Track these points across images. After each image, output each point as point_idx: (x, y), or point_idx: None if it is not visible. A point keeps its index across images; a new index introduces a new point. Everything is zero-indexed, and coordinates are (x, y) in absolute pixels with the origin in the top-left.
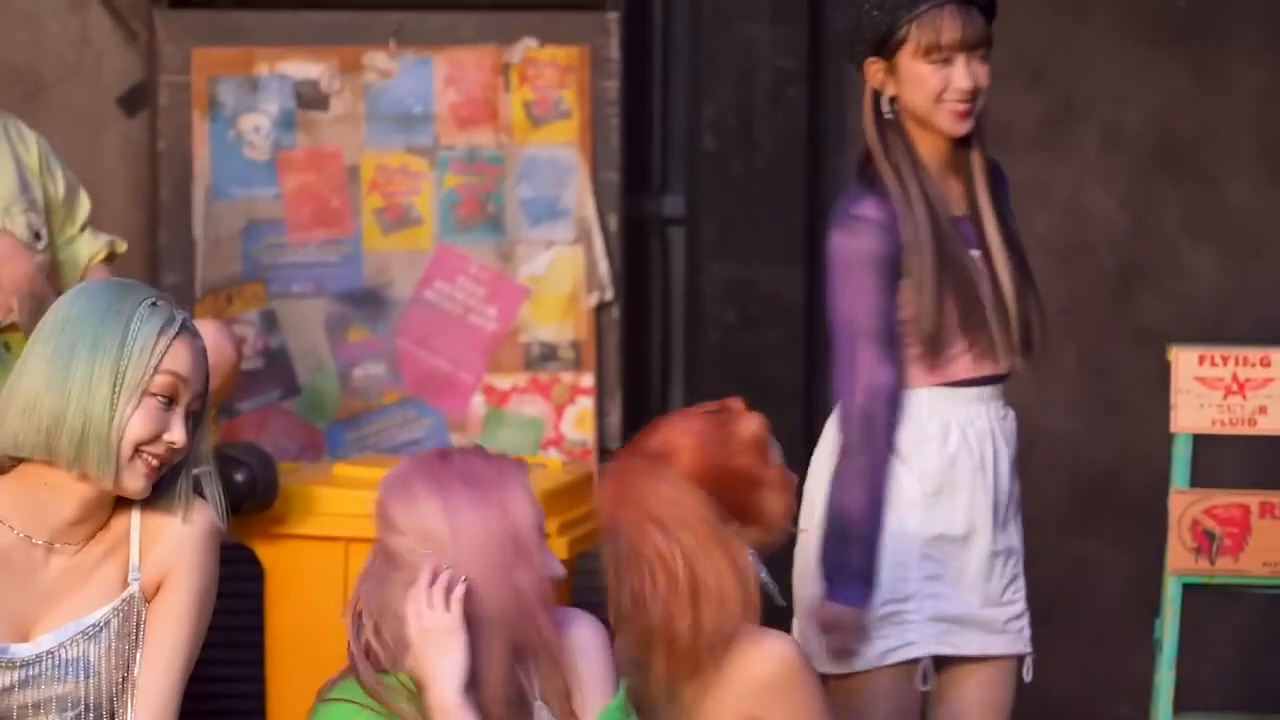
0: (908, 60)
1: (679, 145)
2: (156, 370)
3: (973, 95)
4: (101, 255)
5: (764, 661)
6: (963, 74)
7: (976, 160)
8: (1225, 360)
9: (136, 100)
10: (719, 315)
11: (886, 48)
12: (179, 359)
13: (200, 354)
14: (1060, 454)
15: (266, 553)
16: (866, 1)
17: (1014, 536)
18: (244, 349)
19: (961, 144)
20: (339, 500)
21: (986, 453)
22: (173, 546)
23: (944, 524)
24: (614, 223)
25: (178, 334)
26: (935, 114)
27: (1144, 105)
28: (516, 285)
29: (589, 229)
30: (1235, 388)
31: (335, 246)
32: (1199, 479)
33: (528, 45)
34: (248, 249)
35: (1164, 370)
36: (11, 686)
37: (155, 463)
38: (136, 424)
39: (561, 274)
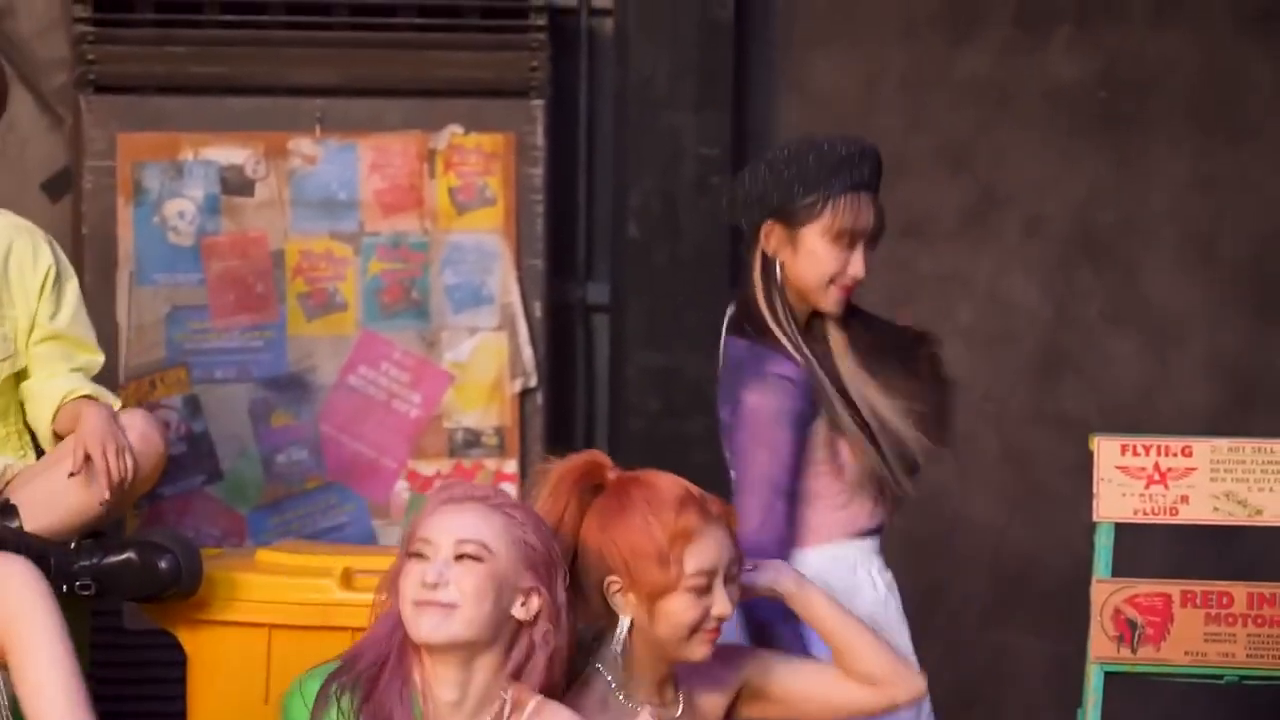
0: (813, 237)
1: (603, 232)
2: None
3: (858, 283)
4: (78, 394)
5: None
6: (859, 263)
7: (831, 325)
8: (1147, 450)
9: (61, 185)
10: (643, 403)
11: (795, 218)
12: None
13: None
14: (982, 542)
15: (189, 639)
16: (787, 168)
17: None
18: (167, 435)
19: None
20: (262, 587)
21: (897, 598)
22: None
23: None
24: (538, 309)
25: None
26: (823, 293)
27: (1065, 195)
28: (440, 371)
29: (513, 315)
30: (1157, 477)
31: (259, 332)
32: (1121, 568)
33: (453, 132)
34: (171, 334)
35: (1086, 459)
36: None
37: None
38: None
39: (486, 360)
